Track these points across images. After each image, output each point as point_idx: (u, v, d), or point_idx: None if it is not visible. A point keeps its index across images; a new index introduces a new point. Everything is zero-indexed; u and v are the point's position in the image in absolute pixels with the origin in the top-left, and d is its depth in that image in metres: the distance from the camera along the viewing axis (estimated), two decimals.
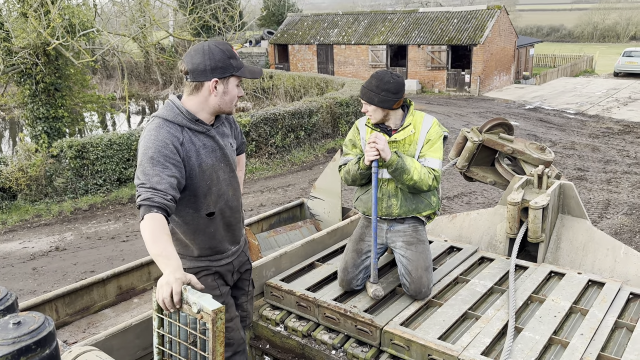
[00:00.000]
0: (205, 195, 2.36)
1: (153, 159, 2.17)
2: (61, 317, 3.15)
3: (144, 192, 2.11)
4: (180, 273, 1.86)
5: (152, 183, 2.13)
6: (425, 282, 3.01)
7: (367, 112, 3.03)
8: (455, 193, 10.66)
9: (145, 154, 2.20)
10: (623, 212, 9.40)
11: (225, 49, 2.29)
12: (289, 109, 13.82)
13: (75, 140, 11.00)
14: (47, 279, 7.70)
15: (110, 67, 28.93)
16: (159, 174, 2.15)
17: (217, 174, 2.39)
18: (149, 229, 2.03)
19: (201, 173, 2.32)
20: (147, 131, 2.28)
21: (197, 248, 2.47)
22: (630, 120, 17.76)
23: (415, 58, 25.27)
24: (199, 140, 2.32)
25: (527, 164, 4.10)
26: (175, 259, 1.96)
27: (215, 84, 2.27)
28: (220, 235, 2.49)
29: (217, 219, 2.44)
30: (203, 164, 2.32)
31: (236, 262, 2.62)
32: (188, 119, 2.29)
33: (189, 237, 2.44)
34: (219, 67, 2.26)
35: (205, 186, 2.35)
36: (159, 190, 2.12)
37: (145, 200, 2.09)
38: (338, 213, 4.51)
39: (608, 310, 2.85)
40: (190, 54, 2.28)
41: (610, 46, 52.39)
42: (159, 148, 2.19)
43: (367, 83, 3.00)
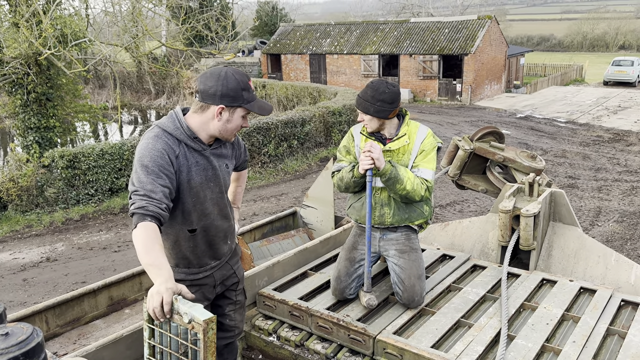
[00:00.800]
0: (189, 212, 2.36)
1: (148, 168, 2.18)
2: (51, 329, 3.12)
3: (138, 200, 2.11)
4: (172, 283, 1.86)
5: (146, 191, 2.12)
6: (418, 291, 3.00)
7: (363, 121, 3.03)
8: (448, 201, 10.69)
9: (140, 162, 2.20)
10: (614, 219, 9.46)
11: (241, 79, 2.30)
12: (281, 118, 13.85)
13: (66, 150, 10.93)
14: (38, 290, 7.62)
15: (102, 77, 28.87)
16: (153, 182, 2.15)
17: (204, 193, 2.38)
18: (141, 238, 2.02)
19: (188, 189, 2.32)
20: (145, 139, 2.28)
21: (174, 257, 2.45)
22: (620, 129, 17.94)
23: (407, 67, 25.44)
24: (192, 157, 2.33)
25: (518, 172, 4.13)
26: (166, 269, 1.95)
27: (220, 111, 2.29)
28: (200, 251, 2.47)
29: (198, 236, 2.43)
30: (192, 180, 2.32)
31: (218, 274, 2.57)
32: (187, 134, 2.31)
33: (167, 246, 2.42)
34: (229, 95, 2.27)
35: (190, 203, 2.35)
36: (153, 198, 2.12)
37: (139, 208, 2.08)
38: (331, 222, 4.50)
39: (600, 318, 2.86)
40: (205, 75, 2.31)
41: (600, 55, 53.04)
42: (155, 157, 2.20)
43: (362, 93, 3.00)
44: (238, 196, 2.99)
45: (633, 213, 9.74)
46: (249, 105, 2.32)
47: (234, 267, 2.68)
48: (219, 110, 2.27)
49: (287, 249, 4.26)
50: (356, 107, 3.03)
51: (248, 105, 2.32)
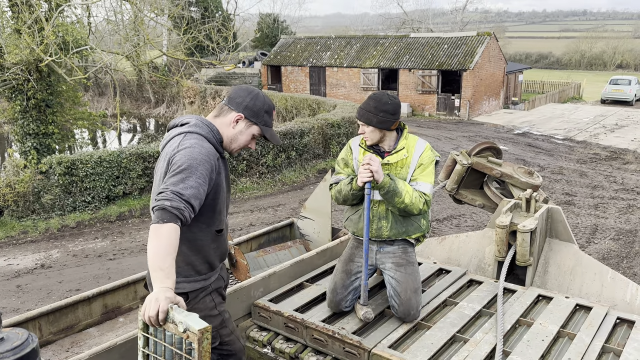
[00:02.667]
0: (220, 211, 2.45)
1: (197, 170, 2.18)
2: (44, 336, 3.10)
3: (177, 200, 2.07)
4: (171, 293, 1.86)
5: (187, 196, 2.11)
6: (414, 304, 3.00)
7: (364, 133, 3.03)
8: (445, 215, 10.69)
9: (190, 162, 2.17)
10: (610, 237, 9.47)
11: (268, 103, 2.48)
12: (280, 129, 13.88)
13: (64, 157, 10.92)
14: (31, 296, 7.57)
15: (102, 85, 28.93)
16: (198, 187, 2.16)
17: (225, 195, 2.50)
18: (165, 239, 1.98)
19: (221, 191, 2.41)
20: (189, 144, 2.25)
21: (200, 263, 2.43)
22: (617, 147, 18.03)
23: (406, 82, 25.58)
24: (223, 163, 2.45)
25: (515, 188, 4.14)
26: (172, 280, 1.94)
27: (238, 119, 2.42)
28: (221, 251, 2.54)
29: (222, 236, 2.53)
30: (222, 182, 2.42)
31: (223, 273, 2.66)
32: (217, 138, 2.40)
33: (193, 252, 2.39)
34: (253, 110, 2.43)
35: (221, 203, 2.44)
36: (191, 205, 2.13)
37: (176, 209, 2.05)
38: (328, 233, 4.50)
39: (595, 335, 2.86)
40: (240, 88, 2.48)
41: (598, 74, 53.45)
42: (204, 162, 2.22)
43: (364, 104, 3.01)
44: None
45: (629, 231, 9.75)
46: (264, 128, 2.47)
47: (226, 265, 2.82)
48: (237, 118, 2.41)
49: (284, 260, 4.26)
50: (358, 119, 3.03)
51: (264, 128, 2.47)
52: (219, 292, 2.58)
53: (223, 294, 2.63)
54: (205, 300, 2.48)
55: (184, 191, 2.11)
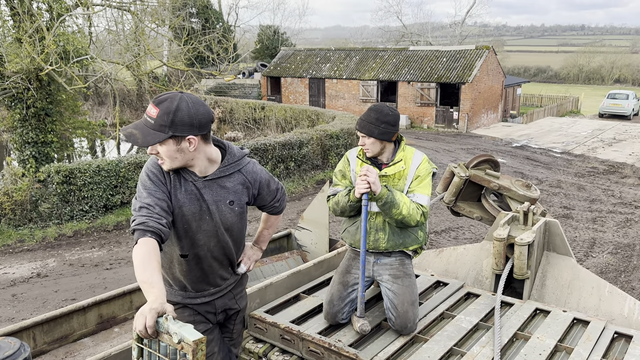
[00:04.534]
0: (180, 237, 2.33)
1: (145, 182, 2.23)
2: (39, 346, 3.07)
3: (138, 216, 2.12)
4: (158, 303, 1.81)
5: (144, 204, 2.15)
6: (411, 317, 2.98)
7: (364, 145, 3.03)
8: (443, 228, 10.68)
9: (140, 179, 2.27)
10: (608, 251, 9.46)
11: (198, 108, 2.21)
12: (279, 139, 13.91)
13: (63, 166, 10.91)
14: (27, 306, 7.51)
15: (102, 94, 29.00)
16: (150, 195, 2.18)
17: (197, 224, 2.32)
18: (139, 254, 2.01)
19: (180, 216, 2.28)
20: (147, 160, 2.35)
21: (170, 278, 2.44)
22: (615, 161, 18.07)
23: (405, 94, 25.70)
24: (187, 186, 2.29)
25: (513, 201, 4.15)
26: (158, 288, 1.92)
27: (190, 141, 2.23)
28: (195, 277, 2.42)
29: (190, 262, 2.38)
30: (184, 207, 2.28)
31: (219, 302, 2.51)
32: None
33: (164, 265, 2.40)
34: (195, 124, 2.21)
35: (182, 229, 2.31)
36: (153, 212, 2.12)
37: (140, 224, 2.08)
38: (325, 244, 4.49)
39: (593, 350, 2.84)
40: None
41: (595, 88, 53.77)
42: (150, 173, 2.25)
43: (365, 116, 3.00)
44: (263, 238, 2.83)
45: (627, 245, 9.75)
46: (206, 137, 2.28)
47: (237, 297, 2.61)
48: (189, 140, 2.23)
49: (281, 270, 4.24)
50: (358, 130, 3.02)
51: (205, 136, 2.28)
52: (202, 314, 2.47)
53: (210, 318, 2.50)
54: (183, 313, 2.42)
55: (139, 203, 2.17)
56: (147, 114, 2.18)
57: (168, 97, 2.17)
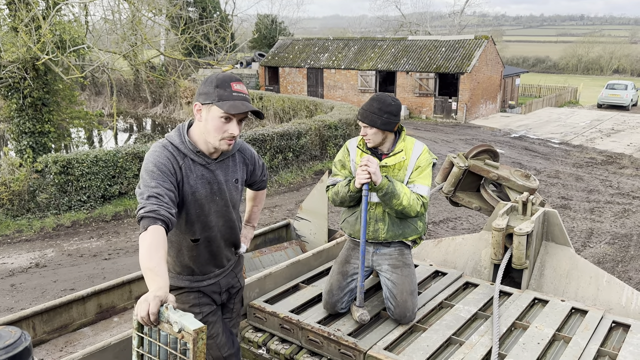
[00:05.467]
0: (192, 222, 2.39)
1: (154, 173, 2.22)
2: (38, 335, 3.08)
3: (148, 204, 2.11)
4: (162, 292, 1.83)
5: (155, 194, 2.14)
6: (410, 307, 2.99)
7: (366, 135, 3.00)
8: (441, 218, 10.70)
9: (146, 168, 2.25)
10: (606, 241, 9.50)
11: (220, 78, 2.27)
12: (277, 130, 13.88)
13: (60, 156, 10.87)
14: (26, 296, 7.52)
15: (99, 84, 28.85)
16: (159, 185, 2.18)
17: (208, 206, 2.40)
18: (148, 241, 2.01)
19: (193, 201, 2.35)
20: (152, 149, 2.33)
21: (178, 265, 2.47)
22: (613, 151, 18.09)
23: (403, 84, 25.63)
24: (197, 170, 2.35)
25: (512, 191, 4.15)
26: (163, 277, 1.93)
27: (198, 109, 2.30)
28: (203, 260, 2.49)
29: (201, 246, 2.45)
30: (197, 193, 2.35)
31: (223, 281, 2.59)
32: (190, 149, 2.34)
33: (172, 254, 2.44)
34: (203, 93, 2.27)
35: (194, 214, 2.37)
36: (163, 202, 2.13)
37: (151, 212, 2.08)
38: (324, 235, 4.50)
39: (591, 339, 2.86)
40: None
41: (594, 78, 53.68)
42: (159, 164, 2.24)
43: (367, 106, 2.98)
44: (254, 215, 2.98)
45: (625, 235, 9.79)
46: (219, 104, 2.22)
47: (238, 275, 2.71)
48: (197, 108, 2.30)
49: (280, 260, 4.25)
50: (361, 121, 2.99)
51: (219, 104, 2.22)
52: (207, 295, 2.53)
53: (215, 298, 2.57)
54: (188, 296, 2.48)
55: (148, 192, 2.15)
56: (240, 91, 2.28)
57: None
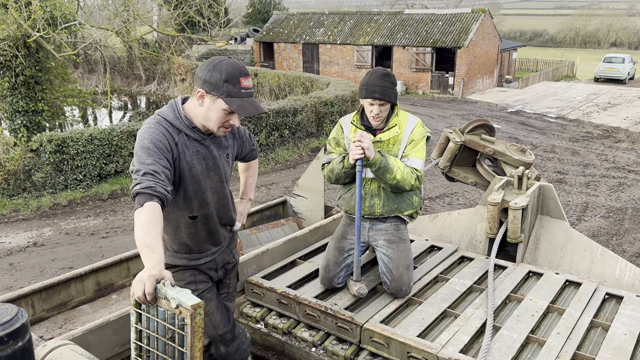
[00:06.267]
0: (190, 199, 2.39)
1: (149, 150, 2.19)
2: (37, 313, 3.10)
3: (144, 180, 2.09)
4: (157, 270, 1.83)
5: (151, 171, 2.12)
6: (406, 281, 3.02)
7: (380, 114, 2.94)
8: (437, 194, 10.74)
9: (141, 145, 2.21)
10: (601, 215, 9.57)
11: (229, 70, 2.22)
12: (273, 107, 13.79)
13: (55, 135, 10.80)
14: (24, 274, 7.56)
15: (92, 62, 28.49)
16: (155, 162, 2.16)
17: (205, 181, 2.40)
18: (144, 217, 2.00)
19: (190, 177, 2.34)
20: (146, 124, 2.30)
21: (176, 243, 2.47)
22: (609, 125, 18.09)
23: (400, 59, 25.40)
24: (193, 146, 2.34)
25: (507, 165, 4.15)
26: (159, 254, 1.93)
27: (201, 95, 2.27)
28: (201, 237, 2.50)
29: (199, 223, 2.45)
30: (193, 169, 2.34)
31: (219, 258, 2.61)
32: (185, 124, 2.32)
33: (169, 232, 2.44)
34: (211, 82, 2.22)
35: (192, 190, 2.37)
36: (159, 179, 2.12)
37: (147, 188, 2.07)
38: (321, 211, 4.51)
39: (584, 310, 2.90)
40: (205, 61, 2.31)
41: (592, 52, 53.32)
42: (155, 141, 2.22)
43: (377, 81, 2.91)
44: (249, 187, 2.98)
45: (619, 209, 9.86)
46: (227, 100, 2.21)
47: (233, 251, 2.72)
48: (200, 94, 2.27)
49: (276, 237, 4.26)
50: (378, 99, 2.90)
51: (226, 100, 2.21)
52: (204, 272, 2.55)
53: (212, 275, 2.59)
54: (184, 273, 2.49)
55: (144, 169, 2.13)
56: (248, 87, 2.26)
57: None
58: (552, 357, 2.47)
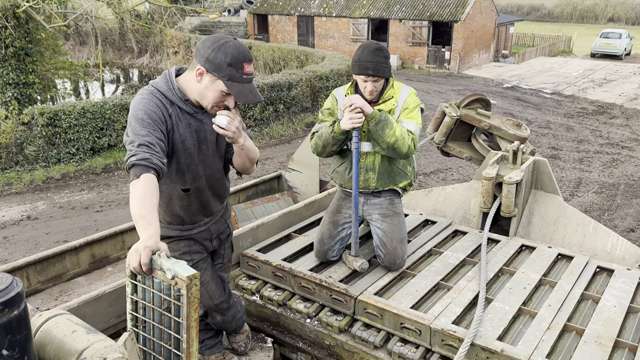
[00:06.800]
0: (183, 171, 2.37)
1: (144, 121, 2.16)
2: (32, 285, 3.11)
3: (139, 151, 2.07)
4: (153, 241, 1.83)
5: (146, 142, 2.10)
6: (400, 254, 3.04)
7: (374, 90, 2.93)
8: (432, 169, 10.76)
9: (135, 115, 2.18)
10: (593, 190, 9.64)
11: (234, 54, 2.17)
12: (268, 81, 13.65)
13: (47, 108, 10.66)
14: (19, 247, 7.57)
15: (83, 33, 27.98)
16: (150, 134, 2.14)
17: (197, 155, 2.39)
18: (141, 189, 1.99)
19: (183, 149, 2.32)
20: (139, 95, 2.26)
21: (168, 215, 2.47)
22: (605, 101, 18.08)
23: (396, 33, 25.12)
24: (185, 118, 2.31)
25: (503, 140, 4.15)
26: (155, 226, 1.93)
27: (200, 72, 2.22)
28: (193, 209, 2.49)
29: (192, 196, 2.45)
30: (186, 141, 2.32)
31: (213, 228, 2.61)
32: (178, 97, 2.29)
33: (162, 203, 2.43)
34: (214, 62, 2.18)
35: (185, 163, 2.35)
36: (155, 151, 2.10)
37: (143, 160, 2.05)
38: (315, 186, 4.51)
39: (575, 283, 2.94)
40: (208, 38, 2.25)
41: (589, 27, 52.92)
42: (149, 112, 2.19)
43: (370, 57, 2.86)
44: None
45: (612, 185, 9.93)
46: (228, 83, 2.18)
47: (227, 221, 2.72)
48: (199, 72, 2.22)
49: (272, 211, 4.27)
50: (368, 74, 2.87)
51: (227, 83, 2.18)
52: (199, 242, 2.56)
53: (207, 245, 2.60)
54: (179, 244, 2.50)
55: (139, 140, 2.11)
56: (250, 73, 2.22)
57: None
58: (543, 328, 2.51)
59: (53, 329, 1.44)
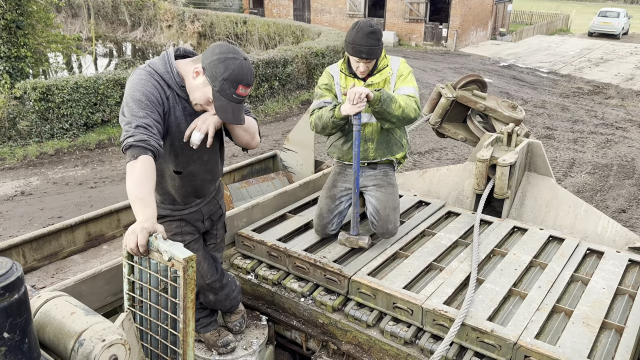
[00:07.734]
0: (177, 154, 2.38)
1: (141, 102, 2.15)
2: (29, 263, 3.13)
3: (137, 133, 2.07)
4: (150, 223, 1.85)
5: (143, 124, 2.10)
6: (392, 220, 3.11)
7: (365, 70, 2.99)
8: (427, 149, 10.77)
9: (132, 96, 2.17)
10: (586, 171, 9.70)
11: (235, 71, 2.16)
12: (263, 57, 13.50)
13: (39, 82, 10.53)
14: (13, 223, 7.57)
15: (75, 6, 27.44)
16: (147, 115, 2.13)
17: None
18: (138, 171, 2.00)
19: (177, 133, 2.32)
20: (137, 75, 2.24)
21: (160, 193, 2.48)
22: (600, 81, 18.05)
23: (393, 9, 24.81)
24: (181, 102, 2.31)
25: (498, 122, 4.17)
26: (152, 208, 1.95)
27: (197, 71, 2.23)
28: (185, 192, 2.51)
29: (184, 179, 2.45)
30: (181, 125, 2.32)
31: (205, 209, 2.62)
32: (175, 81, 2.28)
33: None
34: (212, 70, 2.18)
35: (179, 146, 2.36)
36: (152, 133, 2.10)
37: (141, 141, 2.05)
38: (311, 165, 4.52)
39: (566, 265, 2.99)
40: (222, 44, 2.26)
41: (587, 5, 52.44)
42: (147, 93, 2.18)
43: (363, 40, 2.89)
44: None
45: (605, 165, 9.99)
46: (215, 94, 2.18)
47: (220, 201, 2.74)
48: (197, 70, 2.23)
49: (267, 191, 4.29)
50: (362, 57, 2.92)
51: (215, 94, 2.19)
52: (191, 223, 2.57)
53: (198, 226, 2.61)
54: (170, 225, 2.52)
55: (137, 121, 2.10)
56: (242, 96, 2.22)
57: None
58: (533, 309, 2.57)
59: (52, 311, 1.46)
